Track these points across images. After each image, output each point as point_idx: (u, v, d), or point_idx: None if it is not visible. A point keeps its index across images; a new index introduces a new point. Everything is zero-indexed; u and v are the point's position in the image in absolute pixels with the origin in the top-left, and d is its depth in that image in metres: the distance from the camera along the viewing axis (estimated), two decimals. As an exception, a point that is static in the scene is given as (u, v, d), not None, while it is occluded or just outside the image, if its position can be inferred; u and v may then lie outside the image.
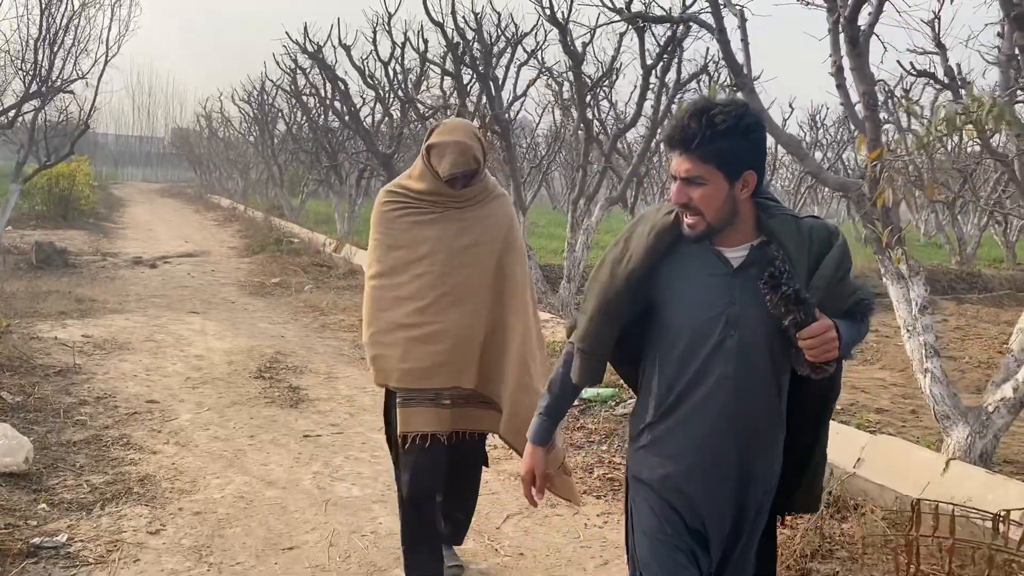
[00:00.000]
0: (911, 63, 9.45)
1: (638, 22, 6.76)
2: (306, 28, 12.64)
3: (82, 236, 15.73)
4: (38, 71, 12.33)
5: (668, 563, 1.88)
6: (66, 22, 13.65)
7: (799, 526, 3.61)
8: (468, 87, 10.27)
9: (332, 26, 12.13)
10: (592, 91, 9.59)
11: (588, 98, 10.71)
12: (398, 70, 12.69)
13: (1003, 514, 2.25)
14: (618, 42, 9.20)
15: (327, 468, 4.53)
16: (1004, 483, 3.92)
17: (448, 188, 2.88)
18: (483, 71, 8.88)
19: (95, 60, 14.00)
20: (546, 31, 11.05)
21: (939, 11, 9.62)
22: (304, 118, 17.15)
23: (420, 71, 11.70)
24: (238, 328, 8.06)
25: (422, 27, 10.79)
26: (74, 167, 17.64)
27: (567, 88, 11.96)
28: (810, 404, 1.94)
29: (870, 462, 4.56)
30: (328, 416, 5.48)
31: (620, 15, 6.35)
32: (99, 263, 12.33)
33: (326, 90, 14.44)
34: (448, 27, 9.06)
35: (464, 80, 9.83)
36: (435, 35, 9.71)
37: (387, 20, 11.67)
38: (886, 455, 4.63)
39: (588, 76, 10.17)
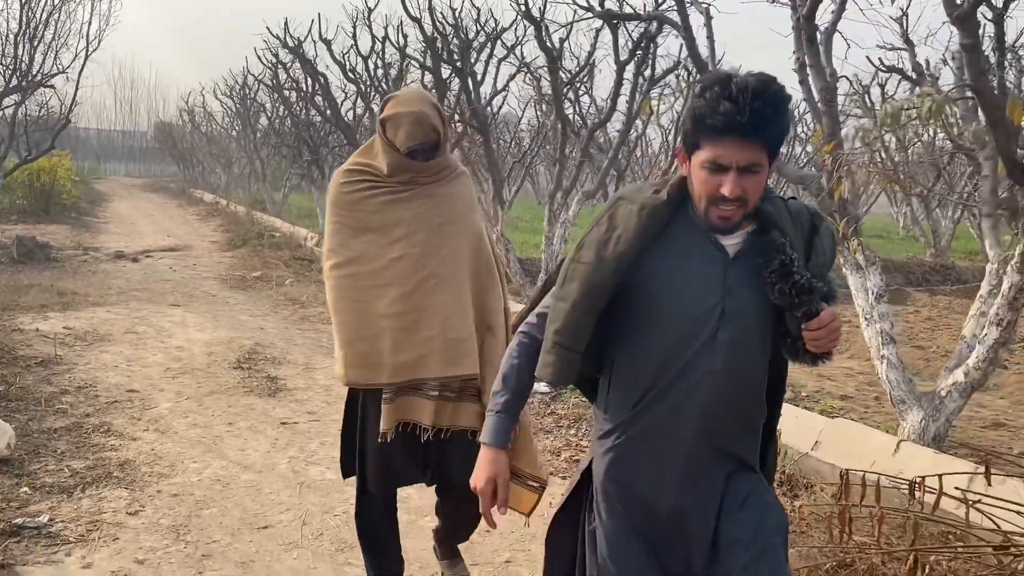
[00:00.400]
0: (880, 59, 9.69)
1: (608, 19, 6.90)
2: (286, 23, 12.72)
3: (64, 230, 15.75)
4: (18, 66, 12.36)
5: None
6: (46, 16, 13.70)
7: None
8: (448, 82, 10.39)
9: (312, 21, 12.19)
10: (568, 86, 9.72)
11: (568, 92, 10.88)
12: (379, 64, 12.81)
13: (918, 480, 2.42)
14: (594, 38, 9.35)
15: (302, 453, 4.67)
16: (949, 461, 4.12)
17: (410, 163, 2.66)
18: (461, 66, 9.01)
19: (75, 54, 14.08)
20: (525, 27, 11.21)
21: (907, 8, 9.86)
22: (286, 112, 17.21)
23: (400, 66, 11.80)
24: (218, 320, 8.17)
25: (401, 22, 10.90)
26: (55, 161, 17.64)
27: (546, 83, 12.11)
28: (772, 386, 1.84)
29: (826, 444, 4.75)
30: (305, 404, 5.61)
31: (591, 12, 6.51)
32: (81, 257, 12.38)
33: (307, 84, 14.52)
34: (426, 23, 9.19)
35: (444, 75, 9.95)
36: (415, 30, 9.82)
37: (367, 15, 11.78)
38: (842, 437, 4.82)
39: (569, 70, 10.33)
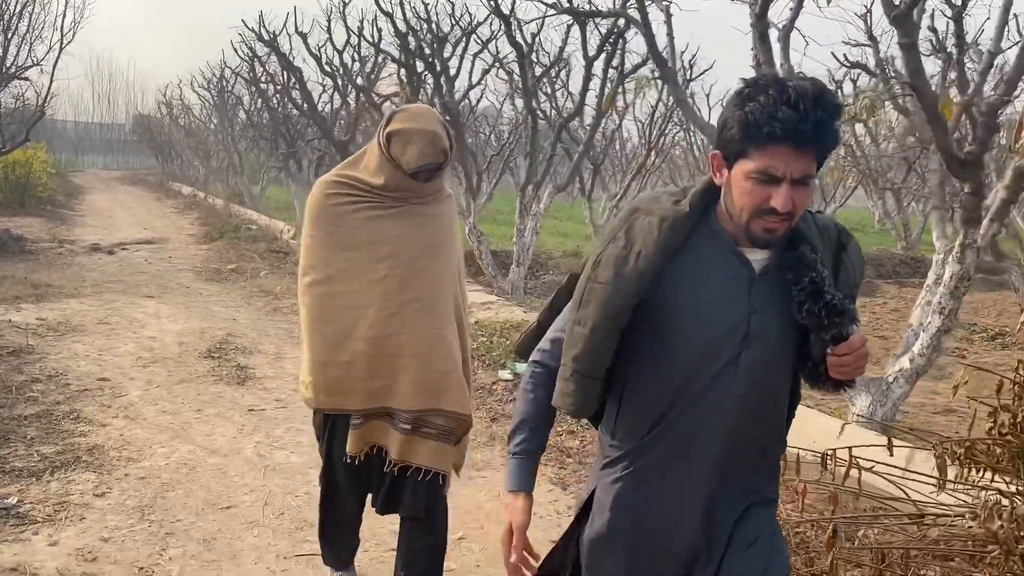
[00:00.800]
0: (845, 55, 9.90)
1: (572, 15, 7.06)
2: (261, 16, 12.77)
3: (39, 223, 15.73)
4: (-8, 58, 12.32)
5: None
6: (20, 8, 13.66)
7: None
8: (422, 76, 10.51)
9: (288, 14, 12.23)
10: (539, 81, 9.87)
11: (544, 86, 11.03)
12: (355, 57, 12.90)
13: (830, 453, 2.59)
14: (565, 33, 9.51)
15: (268, 438, 4.81)
16: (883, 440, 4.32)
17: (409, 181, 2.52)
18: (432, 60, 9.14)
19: (50, 47, 14.05)
20: (499, 22, 11.34)
21: (871, 5, 10.07)
22: (263, 105, 17.25)
23: (374, 60, 11.89)
24: (191, 311, 8.27)
25: (376, 16, 11.00)
26: (30, 154, 17.59)
27: (519, 78, 12.25)
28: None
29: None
30: (273, 392, 5.74)
31: (555, 8, 6.66)
32: (56, 250, 12.40)
33: (284, 77, 14.58)
34: (398, 17, 9.31)
35: (419, 69, 10.06)
36: (388, 24, 9.92)
37: (342, 8, 11.86)
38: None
39: (543, 64, 10.48)
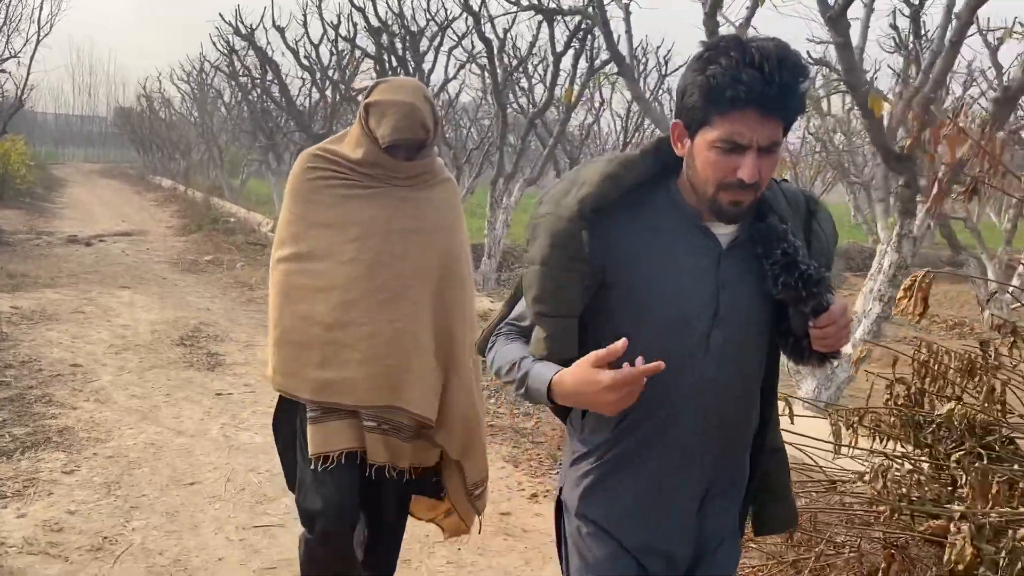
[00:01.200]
0: (808, 52, 10.12)
1: (534, 12, 7.24)
2: (238, 10, 12.87)
3: (17, 215, 15.77)
4: (-32, 50, 12.37)
5: None
6: (-4, 1, 13.70)
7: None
8: (396, 71, 10.67)
9: (265, 8, 12.35)
10: (512, 76, 10.05)
11: (519, 81, 11.21)
12: (333, 51, 13.03)
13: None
14: (536, 30, 9.69)
15: (234, 420, 4.99)
16: (823, 421, 4.55)
17: (387, 159, 2.35)
18: (403, 55, 9.30)
19: (27, 39, 14.10)
20: (491, 11, 11.52)
21: (833, 4, 10.29)
22: (242, 98, 17.33)
23: (349, 55, 12.04)
24: (166, 301, 8.41)
25: (351, 12, 11.13)
26: (8, 146, 17.60)
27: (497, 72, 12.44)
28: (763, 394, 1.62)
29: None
30: (242, 378, 5.91)
31: (517, 6, 6.83)
32: (34, 241, 12.48)
33: (263, 71, 14.68)
34: (370, 12, 9.45)
35: (392, 64, 10.22)
36: (362, 19, 10.06)
37: (318, 3, 11.98)
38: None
39: (519, 57, 10.66)
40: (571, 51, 9.05)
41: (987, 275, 10.28)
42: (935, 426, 2.51)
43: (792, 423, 2.84)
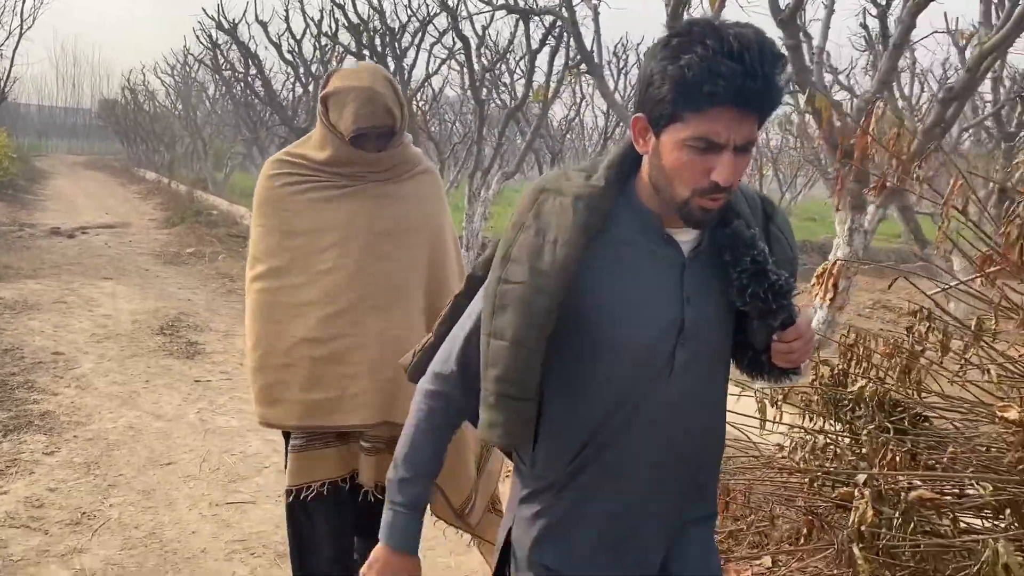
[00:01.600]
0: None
1: (506, 11, 7.44)
2: (221, 5, 12.99)
3: (0, 207, 15.82)
4: (-50, 43, 12.43)
5: None
6: (-21, -6, 13.76)
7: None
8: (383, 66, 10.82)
9: (248, 3, 12.45)
10: (490, 72, 10.23)
11: (504, 75, 11.38)
12: (316, 46, 13.18)
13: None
14: (514, 26, 9.86)
15: (212, 405, 5.17)
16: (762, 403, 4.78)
17: (357, 153, 2.18)
18: (381, 51, 9.47)
19: (9, 32, 14.16)
20: (467, 9, 11.70)
21: (804, 2, 10.53)
22: (226, 92, 17.43)
23: (332, 50, 12.18)
24: (147, 292, 8.56)
25: (332, 8, 11.28)
26: (-9, 138, 17.62)
27: (477, 68, 12.64)
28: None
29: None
30: (220, 365, 6.09)
31: (490, 5, 7.02)
32: (16, 233, 12.56)
33: (245, 65, 14.80)
34: (349, 9, 9.61)
35: (373, 60, 10.38)
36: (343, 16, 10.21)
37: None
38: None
39: (497, 52, 10.85)
40: (547, 48, 9.25)
41: (953, 270, 10.54)
42: (851, 403, 2.72)
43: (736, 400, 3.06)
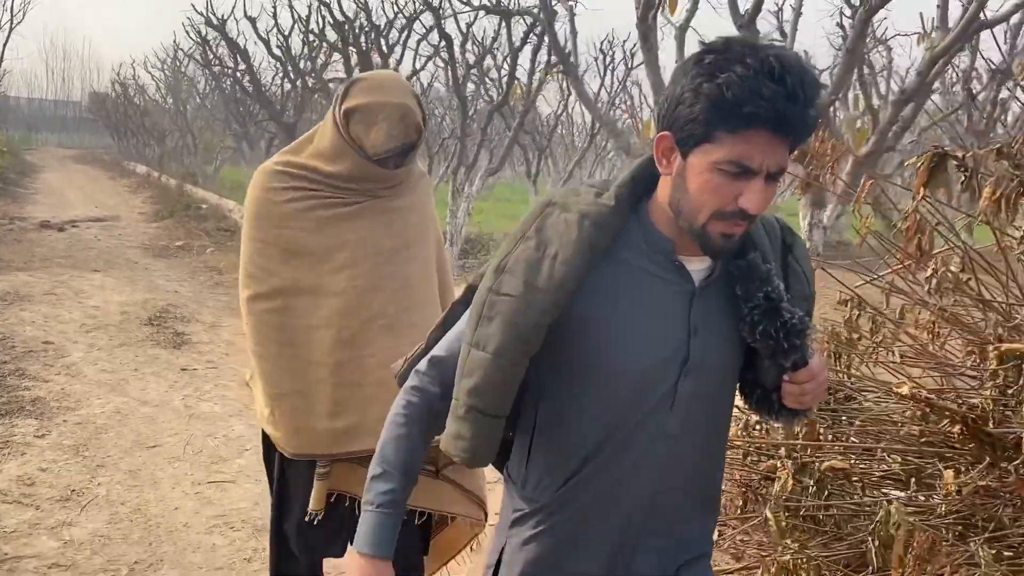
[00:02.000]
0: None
1: (484, 11, 7.65)
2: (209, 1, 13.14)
3: (-10, 201, 15.95)
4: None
5: None
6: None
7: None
8: (360, 66, 11.02)
9: (237, -1, 12.65)
10: (473, 69, 10.43)
11: (491, 71, 11.56)
12: (304, 41, 13.35)
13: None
14: (498, 24, 10.06)
15: (197, 392, 5.37)
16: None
17: (376, 170, 2.08)
18: (366, 48, 9.66)
19: (-1, 27, 14.26)
20: (448, 8, 11.90)
21: (782, 4, 10.79)
22: (215, 87, 17.58)
23: (317, 48, 12.36)
24: (136, 284, 8.75)
25: (318, 5, 11.46)
26: (-19, 132, 17.70)
27: (461, 65, 12.84)
28: None
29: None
30: (206, 355, 6.29)
31: (468, 5, 7.22)
32: (6, 226, 12.70)
33: (234, 60, 14.96)
34: (335, 6, 9.80)
35: (355, 58, 10.57)
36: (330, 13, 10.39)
37: (288, -4, 12.27)
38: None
39: (482, 49, 11.04)
40: (530, 47, 9.46)
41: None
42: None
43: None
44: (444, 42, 9.20)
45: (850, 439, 2.78)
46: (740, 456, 2.99)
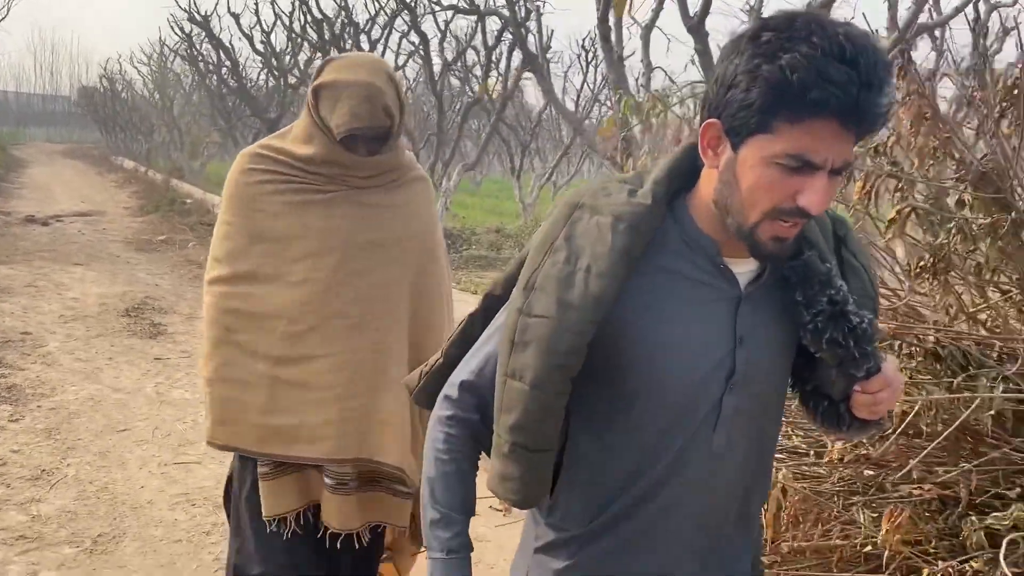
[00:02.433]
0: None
1: (454, 12, 7.84)
2: (193, -4, 13.29)
3: (-24, 195, 16.07)
4: (-75, 33, 12.65)
5: None
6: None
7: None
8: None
9: (221, -5, 12.78)
10: (450, 67, 10.62)
11: (474, 68, 11.72)
12: (288, 37, 13.50)
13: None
14: (474, 23, 10.24)
15: (169, 380, 5.56)
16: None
17: (345, 154, 1.98)
18: (345, 47, 9.84)
19: (-16, 23, 14.38)
20: (424, 7, 12.08)
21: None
22: (200, 82, 17.71)
23: (300, 45, 12.52)
24: (116, 277, 8.92)
25: (299, 3, 11.61)
26: (-33, 127, 17.78)
27: (437, 62, 13.04)
28: None
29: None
30: (181, 345, 6.47)
31: (438, 5, 7.41)
32: (-9, 221, 12.85)
33: (218, 57, 15.10)
34: (313, 4, 9.96)
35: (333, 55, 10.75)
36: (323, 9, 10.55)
37: (270, -7, 12.45)
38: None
39: (474, 48, 11.23)
40: (505, 44, 9.64)
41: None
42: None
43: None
44: (420, 40, 9.39)
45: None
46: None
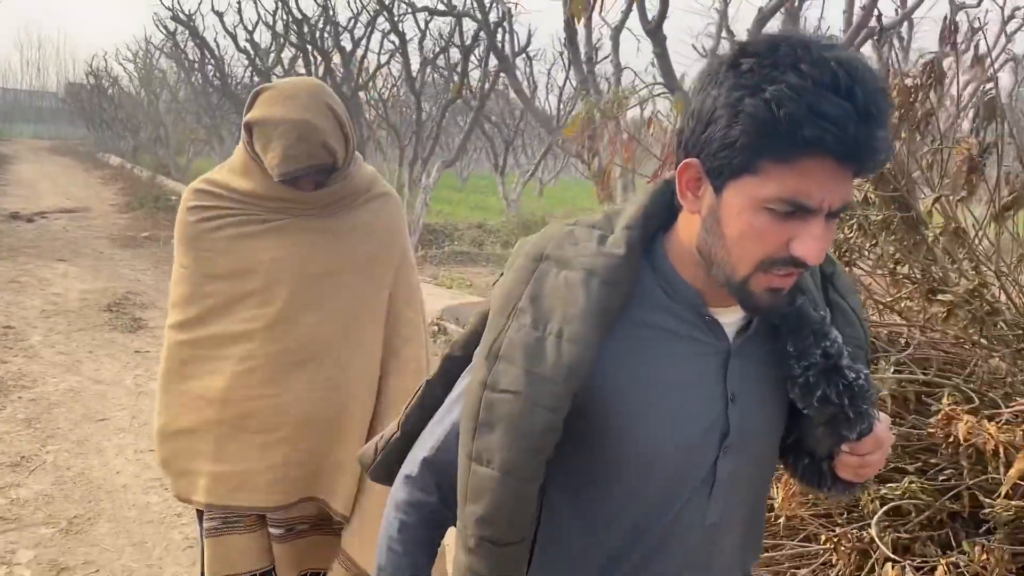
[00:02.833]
0: (702, 45, 11.06)
1: (427, 13, 8.03)
2: (176, -5, 13.41)
3: (-39, 192, 16.15)
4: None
5: None
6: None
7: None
8: (320, 65, 11.35)
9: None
10: (430, 65, 10.80)
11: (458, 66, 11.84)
12: (272, 35, 13.64)
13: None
14: (452, 24, 10.42)
15: (148, 372, 5.73)
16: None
17: (291, 191, 1.85)
18: (321, 46, 10.00)
19: (-31, 20, 14.45)
20: (406, 8, 12.25)
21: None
22: (185, 80, 17.82)
23: (281, 45, 12.66)
24: (99, 273, 9.07)
25: (280, 2, 11.76)
26: (-48, 124, 17.83)
27: (415, 61, 13.20)
28: None
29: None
30: (161, 339, 6.58)
31: (411, 6, 7.58)
32: (-25, 217, 12.96)
33: (201, 55, 15.22)
34: (292, 5, 10.12)
35: (317, 58, 10.91)
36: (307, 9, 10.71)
37: (253, -8, 12.58)
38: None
39: (441, 41, 11.40)
40: (482, 44, 9.82)
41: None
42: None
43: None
44: (400, 40, 9.56)
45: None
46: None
